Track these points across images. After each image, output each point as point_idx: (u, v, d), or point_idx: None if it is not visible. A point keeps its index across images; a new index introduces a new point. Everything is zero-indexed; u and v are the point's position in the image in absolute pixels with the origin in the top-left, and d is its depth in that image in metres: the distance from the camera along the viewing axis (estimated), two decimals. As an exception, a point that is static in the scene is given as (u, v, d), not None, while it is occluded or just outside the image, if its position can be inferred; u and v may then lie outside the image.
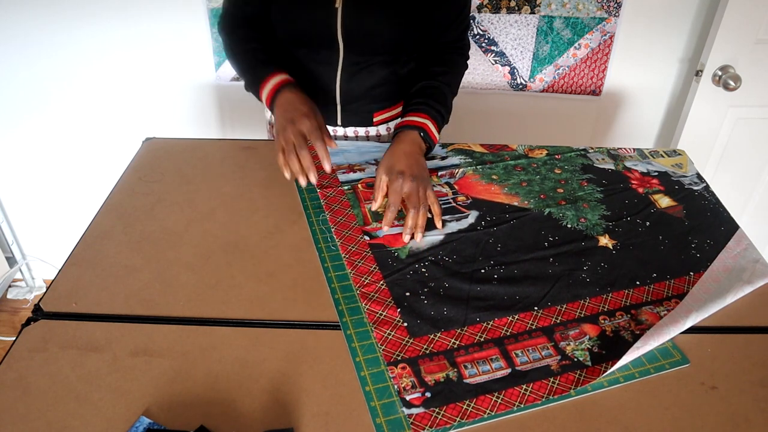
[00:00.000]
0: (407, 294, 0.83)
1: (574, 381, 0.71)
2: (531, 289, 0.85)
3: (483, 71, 1.77)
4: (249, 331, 0.77)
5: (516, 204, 1.03)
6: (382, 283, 0.85)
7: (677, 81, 1.77)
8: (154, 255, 0.90)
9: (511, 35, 1.70)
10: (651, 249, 0.93)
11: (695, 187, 1.10)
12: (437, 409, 0.67)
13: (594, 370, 0.72)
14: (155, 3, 1.69)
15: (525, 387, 0.70)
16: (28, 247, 2.25)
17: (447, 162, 1.15)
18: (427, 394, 0.69)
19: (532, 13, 1.65)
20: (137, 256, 0.90)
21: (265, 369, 0.72)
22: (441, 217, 0.98)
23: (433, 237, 0.95)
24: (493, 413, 0.67)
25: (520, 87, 1.79)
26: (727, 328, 0.80)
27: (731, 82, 1.57)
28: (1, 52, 1.77)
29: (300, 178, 0.97)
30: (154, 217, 0.99)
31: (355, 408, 0.67)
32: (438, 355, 0.74)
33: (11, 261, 2.23)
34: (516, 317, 0.80)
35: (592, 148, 1.20)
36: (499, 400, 0.68)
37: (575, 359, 0.74)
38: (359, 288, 0.84)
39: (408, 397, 0.68)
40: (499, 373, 0.72)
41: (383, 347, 0.75)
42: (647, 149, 1.22)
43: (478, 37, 1.71)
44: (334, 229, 0.96)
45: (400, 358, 0.73)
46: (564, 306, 0.82)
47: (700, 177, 1.13)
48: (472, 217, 1.00)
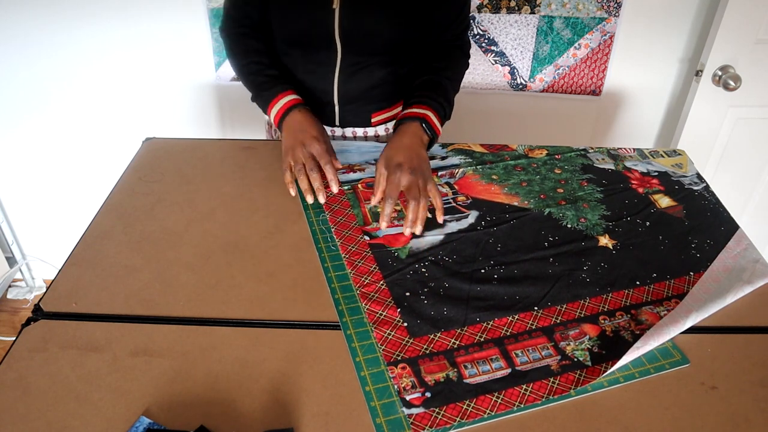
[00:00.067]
0: (407, 294, 0.83)
1: (574, 381, 0.71)
2: (531, 289, 0.85)
3: (483, 71, 1.77)
4: (249, 331, 0.77)
5: (516, 204, 1.03)
6: (382, 283, 0.85)
7: (677, 81, 1.77)
8: (154, 255, 0.90)
9: (511, 35, 1.70)
10: (651, 249, 0.93)
11: (695, 187, 1.10)
12: (437, 409, 0.67)
13: (594, 370, 0.72)
14: (155, 3, 1.69)
15: (525, 387, 0.70)
16: (28, 247, 2.25)
17: (447, 162, 1.15)
18: (427, 394, 0.69)
19: (532, 13, 1.65)
20: (137, 256, 0.90)
21: (265, 369, 0.72)
22: (443, 212, 0.97)
23: (433, 237, 0.95)
24: (493, 413, 0.67)
25: (520, 87, 1.79)
26: (727, 328, 0.80)
27: (731, 82, 1.57)
28: (1, 52, 1.77)
29: (308, 196, 1.01)
30: (154, 217, 0.99)
31: (355, 408, 0.67)
32: (438, 355, 0.74)
33: (11, 261, 2.23)
34: (516, 317, 0.80)
35: (592, 148, 1.20)
36: (499, 400, 0.68)
37: (575, 359, 0.74)
38: (359, 288, 0.84)
39: (408, 397, 0.68)
40: (499, 373, 0.72)
41: (383, 347, 0.75)
42: (647, 149, 1.22)
43: (478, 37, 1.71)
44: (334, 229, 0.96)
45: (400, 358, 0.73)
46: (564, 306, 0.82)
47: (700, 177, 1.13)
48: (472, 217, 1.00)
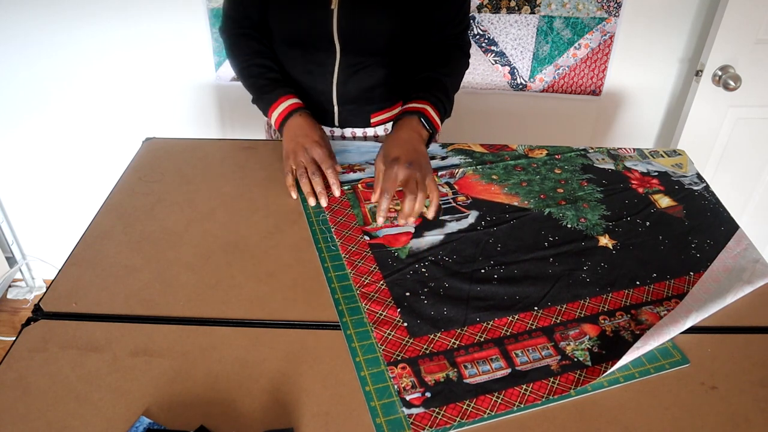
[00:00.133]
0: (407, 294, 0.83)
1: (574, 381, 0.71)
2: (531, 289, 0.85)
3: (483, 71, 1.77)
4: (249, 331, 0.77)
5: (516, 204, 1.03)
6: (382, 283, 0.85)
7: (677, 81, 1.77)
8: (154, 255, 0.90)
9: (511, 35, 1.70)
10: (651, 249, 0.93)
11: (695, 187, 1.10)
12: (437, 409, 0.67)
13: (594, 370, 0.72)
14: (155, 3, 1.69)
15: (525, 387, 0.70)
16: (28, 247, 2.25)
17: (447, 162, 1.15)
18: (427, 394, 0.69)
19: (532, 13, 1.65)
20: (137, 256, 0.90)
21: (265, 369, 0.72)
22: (436, 208, 0.96)
23: (433, 237, 0.95)
24: (493, 413, 0.67)
25: (520, 87, 1.79)
26: (727, 328, 0.80)
27: (731, 82, 1.57)
28: (1, 52, 1.77)
29: (310, 199, 1.02)
30: (154, 217, 0.99)
31: (355, 408, 0.67)
32: (438, 355, 0.74)
33: (11, 261, 2.23)
34: (516, 317, 0.80)
35: (592, 148, 1.20)
36: (499, 400, 0.68)
37: (575, 359, 0.74)
38: (359, 288, 0.84)
39: (408, 397, 0.68)
40: (499, 373, 0.72)
41: (383, 347, 0.75)
42: (647, 149, 1.22)
43: (478, 37, 1.71)
44: (334, 229, 0.96)
45: (400, 358, 0.73)
46: (564, 306, 0.82)
47: (700, 177, 1.13)
48: (472, 217, 1.00)
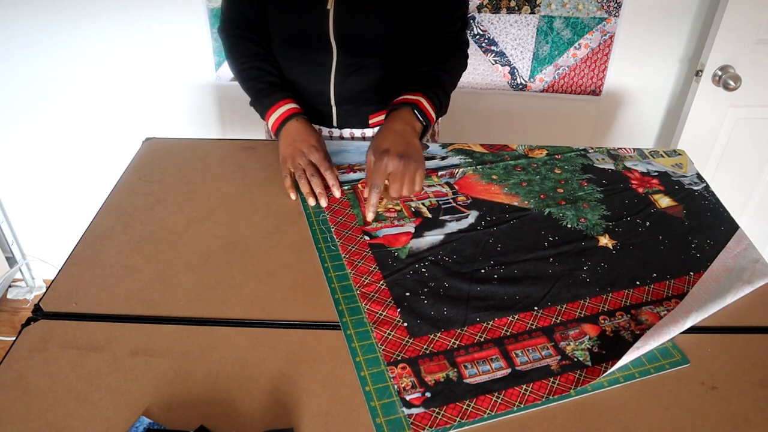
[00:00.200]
0: (407, 294, 0.83)
1: (574, 381, 0.71)
2: (531, 289, 0.85)
3: (483, 71, 1.77)
4: (249, 331, 0.77)
5: (516, 204, 1.03)
6: (382, 283, 0.85)
7: (677, 81, 1.77)
8: (154, 255, 0.90)
9: (511, 35, 1.70)
10: (651, 249, 0.93)
11: (695, 187, 1.10)
12: (437, 409, 0.67)
13: (594, 370, 0.72)
14: (155, 3, 1.69)
15: (525, 387, 0.70)
16: (28, 247, 2.25)
17: (447, 162, 1.15)
18: (427, 394, 0.69)
19: (532, 13, 1.65)
20: (137, 256, 0.90)
21: (265, 369, 0.72)
22: (408, 201, 0.98)
23: (433, 237, 0.95)
24: (493, 413, 0.67)
25: (520, 87, 1.79)
26: (727, 328, 0.80)
27: (731, 82, 1.57)
28: (1, 52, 1.77)
29: (310, 200, 1.02)
30: (154, 217, 0.99)
31: (355, 408, 0.67)
32: (438, 355, 0.74)
33: (11, 261, 2.23)
34: (516, 317, 0.80)
35: (592, 148, 1.20)
36: (499, 400, 0.68)
37: (575, 359, 0.74)
38: (359, 288, 0.84)
39: (408, 397, 0.68)
40: (499, 373, 0.72)
41: (383, 347, 0.75)
42: (647, 149, 1.21)
43: (478, 37, 1.71)
44: (334, 229, 0.96)
45: (400, 358, 0.73)
46: (564, 306, 0.82)
47: (700, 177, 1.13)
48: (472, 217, 1.00)
